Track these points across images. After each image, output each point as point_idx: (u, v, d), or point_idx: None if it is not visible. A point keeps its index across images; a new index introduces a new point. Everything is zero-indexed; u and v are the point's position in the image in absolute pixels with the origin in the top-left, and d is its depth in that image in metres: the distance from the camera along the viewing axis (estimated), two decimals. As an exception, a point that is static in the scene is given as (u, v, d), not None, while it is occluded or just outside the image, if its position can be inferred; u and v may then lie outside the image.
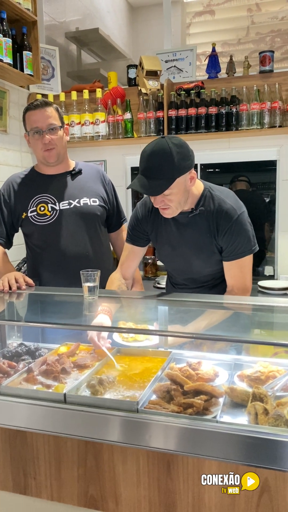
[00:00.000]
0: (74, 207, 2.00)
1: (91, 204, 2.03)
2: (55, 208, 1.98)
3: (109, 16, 4.64)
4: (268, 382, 1.38)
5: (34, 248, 2.03)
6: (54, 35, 3.74)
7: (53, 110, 1.94)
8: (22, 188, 2.02)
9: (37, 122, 1.90)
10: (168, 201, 1.60)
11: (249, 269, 1.73)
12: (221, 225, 1.66)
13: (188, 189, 1.61)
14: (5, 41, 2.63)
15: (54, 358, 1.56)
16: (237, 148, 2.97)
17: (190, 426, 1.15)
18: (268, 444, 1.09)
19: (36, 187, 2.02)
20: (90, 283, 1.56)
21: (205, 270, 1.79)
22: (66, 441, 1.28)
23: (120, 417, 1.21)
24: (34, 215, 1.98)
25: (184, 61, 3.12)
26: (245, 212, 1.69)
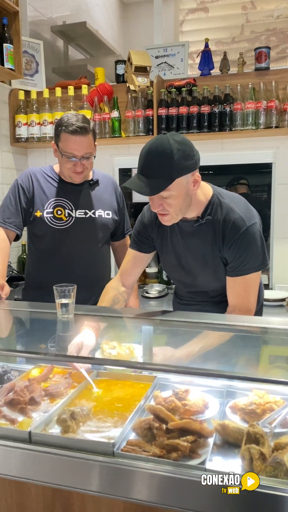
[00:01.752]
0: (90, 217, 2.00)
1: (105, 216, 2.05)
2: (72, 215, 1.99)
3: (99, 11, 4.46)
4: (264, 416, 1.21)
5: (42, 250, 2.01)
6: (40, 29, 3.56)
7: (90, 136, 1.89)
8: (42, 186, 2.00)
9: (74, 151, 1.86)
10: (167, 205, 1.44)
11: (255, 289, 1.57)
12: (227, 237, 1.50)
13: (190, 193, 1.46)
14: (-18, 32, 2.45)
15: (23, 384, 1.38)
16: (231, 150, 2.81)
17: (174, 475, 0.98)
18: (266, 499, 0.92)
19: (55, 189, 1.99)
20: (65, 300, 1.38)
21: (211, 285, 1.64)
22: (30, 488, 1.10)
23: (93, 462, 1.03)
24: (50, 217, 1.96)
25: (176, 57, 2.95)
26: (256, 225, 1.51)
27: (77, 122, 1.84)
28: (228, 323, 1.45)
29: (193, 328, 1.45)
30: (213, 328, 1.48)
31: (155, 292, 2.76)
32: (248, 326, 1.48)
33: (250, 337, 1.41)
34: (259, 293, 1.71)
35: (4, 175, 3.01)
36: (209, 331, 1.49)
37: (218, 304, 1.67)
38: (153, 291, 2.76)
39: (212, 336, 1.48)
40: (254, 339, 1.49)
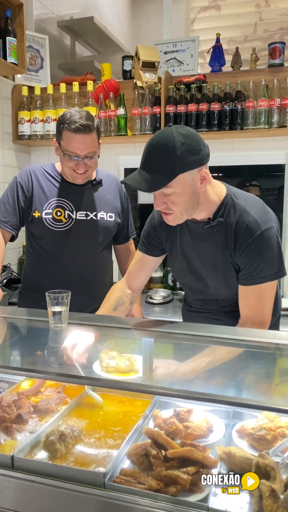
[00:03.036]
0: (91, 220, 1.91)
1: (107, 219, 1.95)
2: (72, 217, 1.89)
3: (108, 8, 4.36)
4: (276, 444, 1.08)
5: (40, 251, 1.92)
6: (47, 25, 3.46)
7: (94, 136, 1.77)
8: (42, 184, 1.90)
9: (76, 150, 1.75)
10: (171, 203, 1.33)
11: (270, 299, 1.43)
12: (239, 241, 1.38)
13: (197, 191, 1.34)
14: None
15: (11, 399, 1.26)
16: (242, 149, 2.68)
17: None
18: None
19: (55, 189, 1.89)
20: (58, 307, 1.26)
21: (222, 292, 1.51)
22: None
23: (81, 494, 0.91)
24: (49, 218, 1.87)
25: (185, 53, 2.83)
26: (272, 229, 1.37)
27: (80, 119, 1.73)
28: (238, 337, 1.31)
29: (199, 342, 1.32)
30: (221, 343, 1.35)
31: (159, 297, 2.63)
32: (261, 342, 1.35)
33: (262, 355, 1.27)
34: (276, 304, 1.58)
35: (6, 173, 2.92)
36: (217, 345, 1.36)
37: (229, 313, 1.54)
38: (158, 297, 2.64)
39: (221, 351, 1.35)
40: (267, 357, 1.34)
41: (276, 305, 1.58)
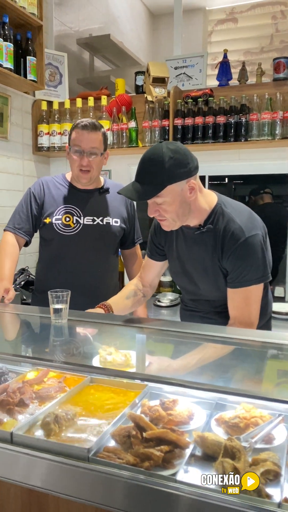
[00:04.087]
0: (97, 224, 2.04)
1: (113, 224, 2.08)
2: (80, 222, 2.03)
3: (126, 23, 4.55)
4: (247, 431, 1.19)
5: (50, 255, 2.08)
6: (66, 42, 3.66)
7: (99, 134, 1.96)
8: (52, 193, 2.06)
9: (81, 143, 1.93)
10: (163, 211, 1.48)
11: (256, 301, 1.54)
12: (226, 247, 1.50)
13: (187, 200, 1.47)
14: (5, 46, 2.55)
15: (16, 386, 1.41)
16: (248, 160, 2.79)
17: (144, 484, 0.98)
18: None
19: (65, 196, 2.05)
20: (58, 305, 1.41)
21: (213, 294, 1.63)
22: (9, 488, 1.13)
23: (68, 466, 1.05)
24: (58, 224, 2.02)
25: (194, 68, 2.97)
26: (257, 236, 1.48)
27: (88, 120, 1.94)
28: (228, 335, 1.43)
29: (192, 340, 1.45)
30: (212, 340, 1.46)
31: (167, 301, 2.76)
32: (248, 340, 1.46)
33: (249, 352, 1.38)
34: (266, 306, 1.69)
35: (26, 182, 3.11)
36: (208, 343, 1.48)
37: (220, 313, 1.66)
38: (165, 300, 2.76)
39: (211, 349, 1.47)
40: (254, 354, 1.46)
41: (266, 307, 1.68)
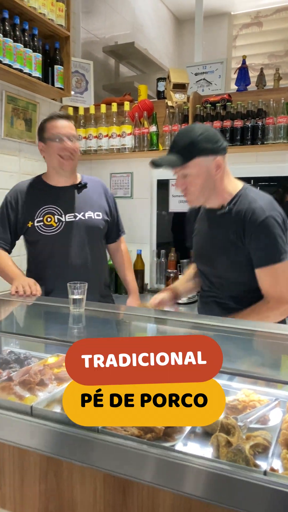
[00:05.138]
0: (80, 220, 2.06)
1: (95, 218, 2.09)
2: (61, 220, 2.04)
3: (152, 29, 4.68)
4: (245, 412, 1.30)
5: (37, 257, 2.09)
6: (92, 49, 3.83)
7: (72, 124, 2.06)
8: (29, 197, 2.08)
9: (61, 129, 1.98)
10: (189, 184, 1.59)
11: (285, 278, 1.58)
12: (247, 225, 1.57)
13: (213, 177, 1.58)
14: (34, 56, 2.72)
15: (38, 369, 1.56)
16: (265, 162, 2.87)
17: (146, 453, 1.10)
18: (224, 480, 1.02)
19: (43, 197, 2.07)
20: (76, 296, 1.55)
21: (228, 274, 1.69)
22: (30, 455, 1.27)
23: (80, 436, 1.18)
24: (40, 225, 2.03)
25: (214, 74, 3.07)
26: (277, 217, 1.56)
27: (58, 112, 2.04)
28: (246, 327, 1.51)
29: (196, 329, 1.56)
30: (217, 330, 1.56)
31: (185, 298, 2.86)
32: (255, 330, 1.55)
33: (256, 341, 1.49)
34: None
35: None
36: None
37: (235, 298, 1.70)
38: (184, 298, 2.87)
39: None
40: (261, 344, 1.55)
41: None
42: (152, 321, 1.69)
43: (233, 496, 1.00)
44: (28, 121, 2.99)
